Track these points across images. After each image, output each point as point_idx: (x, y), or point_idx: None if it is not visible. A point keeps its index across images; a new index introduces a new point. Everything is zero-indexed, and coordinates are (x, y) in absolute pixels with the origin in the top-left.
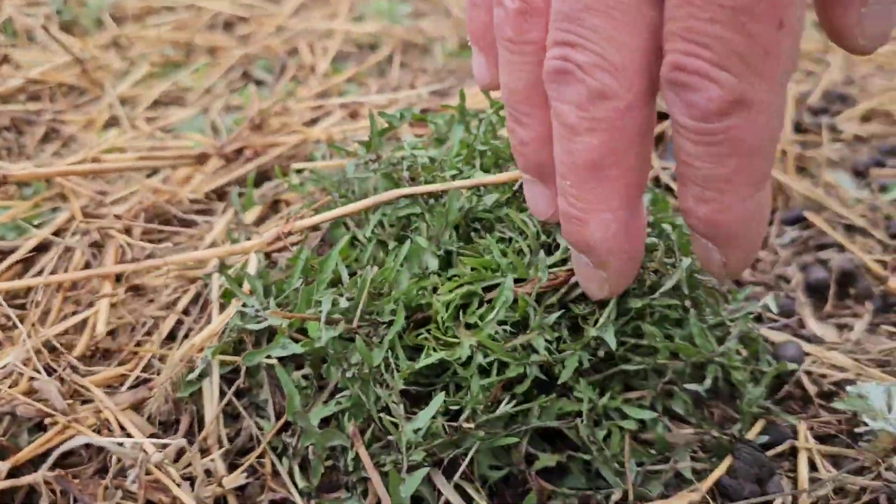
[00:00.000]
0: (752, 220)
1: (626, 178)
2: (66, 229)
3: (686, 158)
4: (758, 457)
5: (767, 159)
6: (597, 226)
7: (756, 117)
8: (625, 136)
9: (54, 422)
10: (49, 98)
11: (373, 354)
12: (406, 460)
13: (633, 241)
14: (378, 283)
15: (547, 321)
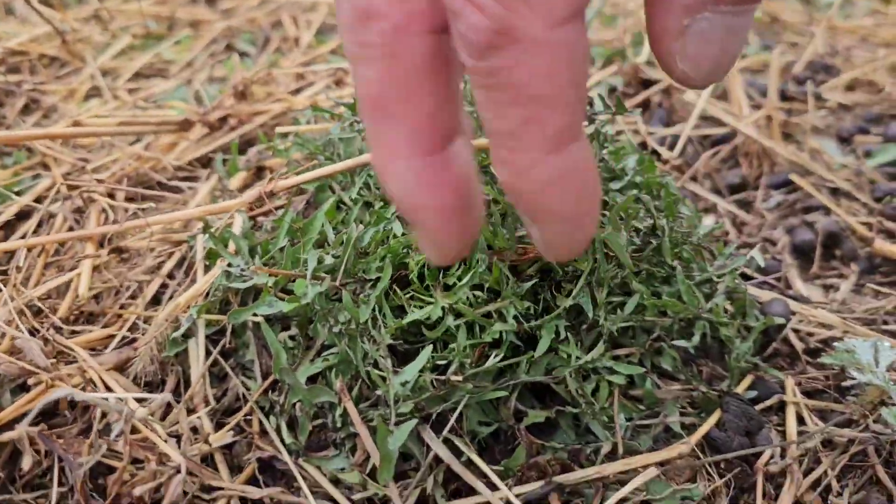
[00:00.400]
0: (560, 188)
1: (414, 120)
2: (47, 197)
3: (478, 108)
4: (746, 410)
5: (565, 112)
6: (391, 177)
7: (533, 58)
8: (402, 66)
9: (37, 381)
10: (29, 70)
11: (360, 311)
12: (394, 413)
13: (441, 195)
14: (364, 241)
15: (519, 291)
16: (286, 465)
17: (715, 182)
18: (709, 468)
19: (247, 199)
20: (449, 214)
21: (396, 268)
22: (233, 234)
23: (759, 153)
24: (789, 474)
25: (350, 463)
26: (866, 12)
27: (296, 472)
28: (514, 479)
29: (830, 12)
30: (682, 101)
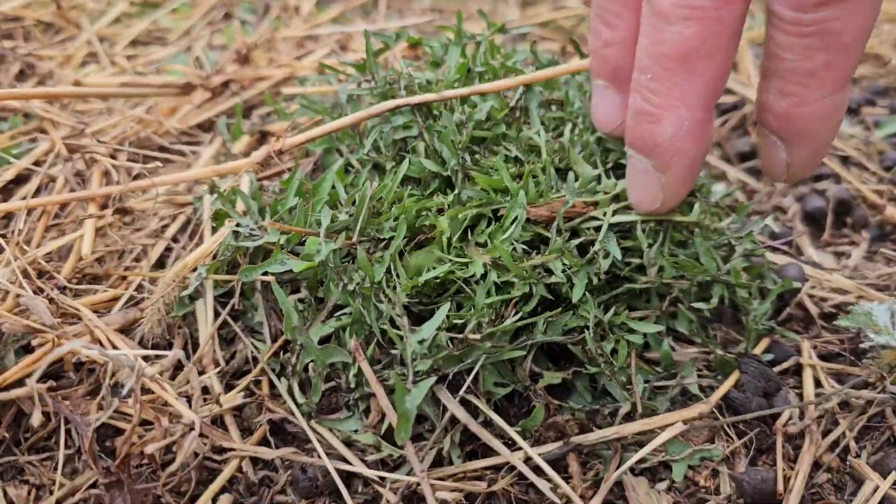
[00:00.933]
0: (828, 119)
1: (711, 76)
2: (46, 160)
3: (776, 50)
4: (764, 371)
5: (855, 59)
6: (670, 122)
7: (853, 14)
8: (720, 28)
9: (42, 341)
10: (23, 36)
11: (374, 269)
12: (411, 372)
13: (701, 144)
14: (377, 200)
15: (568, 245)
16: (297, 428)
17: (724, 150)
18: (727, 429)
19: (255, 159)
20: (698, 164)
21: (413, 230)
22: (241, 192)
23: None
24: (808, 435)
25: (363, 424)
26: None
27: (310, 434)
28: (531, 440)
29: None
30: None
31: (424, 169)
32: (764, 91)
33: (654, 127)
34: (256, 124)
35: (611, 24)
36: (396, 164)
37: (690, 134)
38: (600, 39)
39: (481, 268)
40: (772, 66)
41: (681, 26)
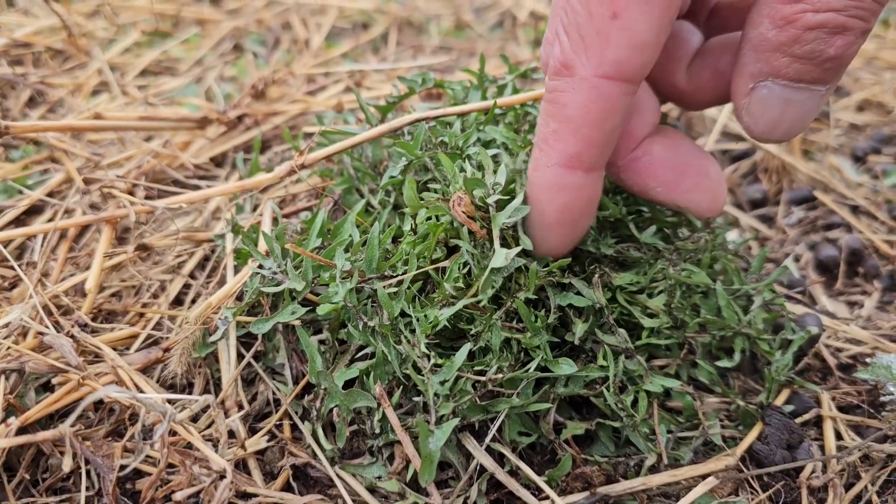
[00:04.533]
0: (549, 191)
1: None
2: (59, 191)
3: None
4: (787, 423)
5: (581, 137)
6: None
7: (576, 89)
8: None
9: (64, 380)
10: (33, 63)
11: (393, 304)
12: (434, 413)
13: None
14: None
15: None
16: (320, 472)
17: (736, 196)
18: (752, 481)
19: (279, 174)
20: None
21: (420, 268)
22: (265, 233)
23: (778, 169)
24: (831, 489)
25: (388, 471)
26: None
27: (336, 481)
28: (557, 490)
29: None
30: (700, 116)
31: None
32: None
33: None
34: (272, 162)
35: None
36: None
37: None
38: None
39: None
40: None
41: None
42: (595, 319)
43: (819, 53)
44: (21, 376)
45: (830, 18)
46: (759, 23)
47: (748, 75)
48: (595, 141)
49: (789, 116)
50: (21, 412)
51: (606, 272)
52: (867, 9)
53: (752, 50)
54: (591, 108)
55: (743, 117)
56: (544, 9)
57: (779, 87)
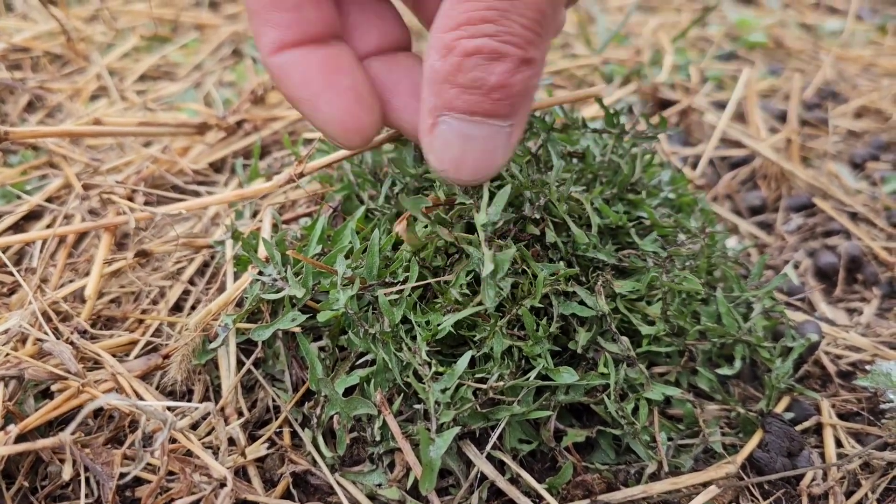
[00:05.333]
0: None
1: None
2: (58, 197)
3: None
4: (788, 431)
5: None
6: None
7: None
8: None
9: (63, 387)
10: (31, 67)
11: (394, 311)
12: (435, 421)
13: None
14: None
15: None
16: (320, 480)
17: (735, 203)
18: (752, 489)
19: (277, 182)
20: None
21: (422, 273)
22: (265, 240)
23: (777, 175)
24: (832, 496)
25: (388, 479)
26: (864, 42)
27: (336, 488)
28: (557, 498)
29: (837, 41)
30: (699, 122)
31: (443, 218)
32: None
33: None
34: (272, 168)
35: None
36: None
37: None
38: None
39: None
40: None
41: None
42: (597, 328)
43: (482, 81)
44: (20, 383)
45: (484, 44)
46: (429, 55)
47: (427, 111)
48: (286, 21)
49: (473, 154)
50: (20, 419)
51: (608, 280)
52: (519, 35)
53: (426, 84)
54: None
55: (430, 157)
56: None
57: (456, 122)
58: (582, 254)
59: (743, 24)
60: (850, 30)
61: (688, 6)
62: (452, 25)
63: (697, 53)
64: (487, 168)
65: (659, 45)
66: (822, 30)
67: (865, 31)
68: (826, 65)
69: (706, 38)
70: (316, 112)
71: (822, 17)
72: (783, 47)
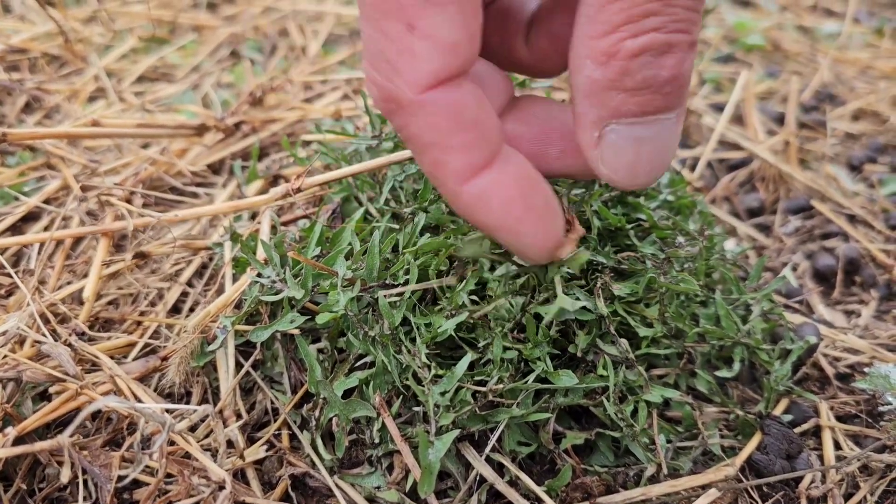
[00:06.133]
0: (482, 207)
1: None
2: (56, 198)
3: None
4: (787, 433)
5: (462, 152)
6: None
7: (414, 116)
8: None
9: (61, 389)
10: (29, 68)
11: (393, 314)
12: (434, 424)
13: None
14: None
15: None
16: (319, 483)
17: (733, 205)
18: (751, 491)
19: (274, 196)
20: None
21: (423, 274)
22: (263, 242)
23: (775, 178)
24: (831, 499)
25: (387, 481)
26: (861, 45)
27: (335, 490)
28: (556, 500)
29: (835, 44)
30: (697, 124)
31: (442, 218)
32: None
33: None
34: (270, 169)
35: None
36: (415, 214)
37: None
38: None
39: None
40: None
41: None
42: (596, 330)
43: (654, 79)
44: (18, 385)
45: (652, 40)
46: (582, 66)
47: (590, 125)
48: (475, 140)
49: (647, 156)
50: (18, 421)
51: (607, 282)
52: (685, 20)
53: (584, 98)
54: (439, 122)
55: (601, 170)
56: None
57: (625, 128)
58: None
59: (740, 27)
60: (848, 32)
61: None
62: (608, 29)
63: (695, 56)
64: (662, 165)
65: None
66: (819, 32)
67: (862, 34)
68: (823, 67)
69: (704, 40)
70: (519, 238)
71: (820, 20)
72: (781, 50)
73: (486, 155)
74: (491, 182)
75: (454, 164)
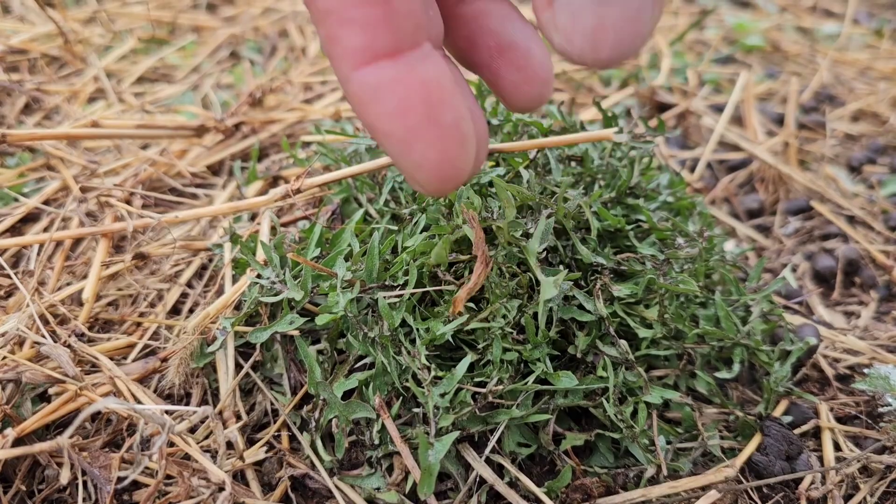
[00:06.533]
0: (377, 104)
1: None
2: (55, 199)
3: None
4: (786, 434)
5: (358, 29)
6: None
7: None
8: None
9: (61, 391)
10: (28, 69)
11: (393, 315)
12: (434, 426)
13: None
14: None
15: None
16: (318, 484)
17: (733, 206)
18: (751, 492)
19: (273, 197)
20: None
21: (422, 276)
22: (263, 243)
23: (775, 179)
24: (831, 500)
25: (387, 482)
26: (861, 45)
27: (335, 492)
28: (557, 501)
29: (834, 45)
30: (697, 125)
31: (441, 219)
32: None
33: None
34: (270, 170)
35: None
36: (413, 215)
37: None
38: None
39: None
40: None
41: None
42: (596, 331)
43: None
44: (18, 386)
45: None
46: None
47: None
48: (375, 19)
49: (613, 21)
50: (17, 423)
51: (607, 283)
52: None
53: None
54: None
55: (553, 38)
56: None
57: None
58: (581, 257)
59: (740, 28)
60: (847, 34)
61: (685, 9)
62: None
63: (695, 57)
64: (633, 37)
65: (656, 49)
66: (818, 33)
67: (862, 35)
68: (823, 68)
69: (703, 41)
70: (407, 154)
71: (819, 21)
72: (780, 51)
73: (392, 40)
74: (391, 76)
75: (348, 40)
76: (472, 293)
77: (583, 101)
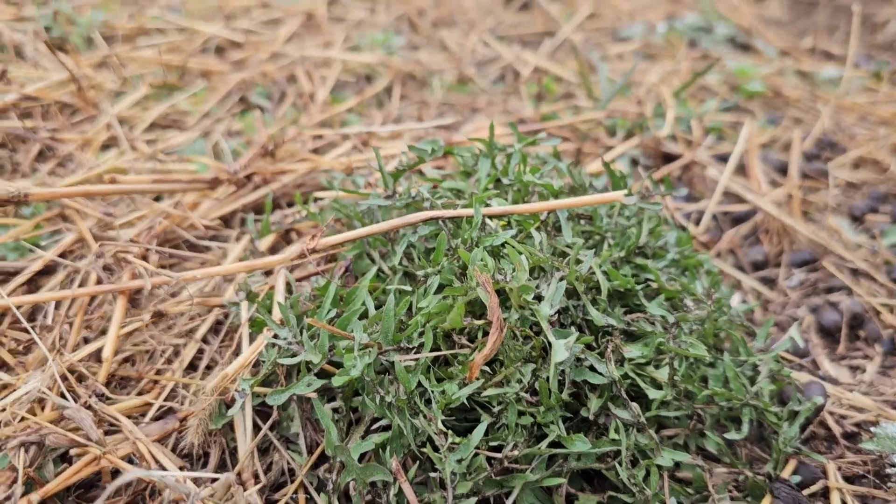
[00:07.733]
0: None
1: None
2: (71, 251)
3: None
4: (796, 496)
5: None
6: None
7: None
8: None
9: (82, 452)
10: (42, 116)
11: (409, 378)
12: (451, 490)
13: None
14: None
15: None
16: None
17: (738, 258)
18: None
19: (289, 255)
20: None
21: (437, 338)
22: (280, 303)
23: (779, 230)
24: None
25: None
26: (860, 88)
27: None
28: None
29: (834, 91)
30: (701, 175)
31: (454, 280)
32: None
33: None
34: (281, 223)
35: None
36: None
37: None
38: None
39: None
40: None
41: None
42: (608, 393)
43: None
44: (40, 449)
45: None
46: None
47: None
48: None
49: None
50: (40, 486)
51: (618, 345)
52: None
53: None
54: None
55: None
56: (546, 63)
57: None
58: (591, 318)
59: (741, 74)
60: (847, 78)
61: (687, 54)
62: None
63: (697, 103)
64: None
65: (661, 98)
66: (818, 77)
67: (861, 78)
68: (824, 115)
69: (706, 87)
70: None
71: (819, 64)
72: (781, 96)
73: None
74: None
75: None
76: (487, 359)
77: (589, 150)
